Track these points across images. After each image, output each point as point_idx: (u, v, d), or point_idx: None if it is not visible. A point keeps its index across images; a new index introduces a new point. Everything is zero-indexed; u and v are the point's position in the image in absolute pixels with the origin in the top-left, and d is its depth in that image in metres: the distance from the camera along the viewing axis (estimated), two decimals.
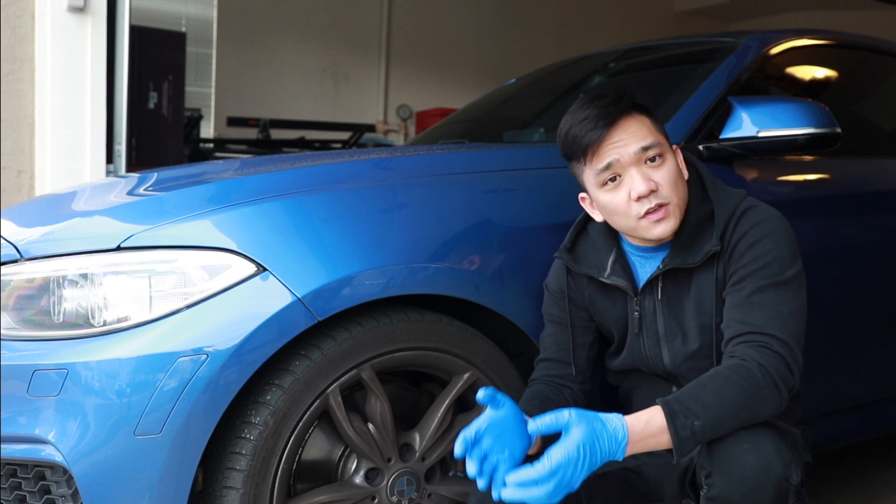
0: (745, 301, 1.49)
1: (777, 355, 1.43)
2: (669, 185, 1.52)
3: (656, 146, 1.52)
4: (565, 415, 1.32)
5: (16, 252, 1.64)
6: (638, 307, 1.62)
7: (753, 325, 1.46)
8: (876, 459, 2.97)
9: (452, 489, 1.76)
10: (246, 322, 1.51)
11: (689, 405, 1.36)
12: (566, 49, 5.13)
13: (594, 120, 1.51)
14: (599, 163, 1.52)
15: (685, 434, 1.34)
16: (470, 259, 1.72)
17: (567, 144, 1.56)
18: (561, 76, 3.06)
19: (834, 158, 2.38)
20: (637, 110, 1.55)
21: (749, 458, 1.36)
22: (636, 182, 1.50)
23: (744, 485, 1.35)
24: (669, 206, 1.52)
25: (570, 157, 1.58)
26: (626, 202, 1.52)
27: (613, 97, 1.53)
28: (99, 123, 3.47)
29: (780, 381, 1.41)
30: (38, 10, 3.49)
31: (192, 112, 5.79)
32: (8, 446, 1.53)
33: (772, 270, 1.49)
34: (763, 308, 1.47)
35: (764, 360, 1.41)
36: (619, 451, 1.32)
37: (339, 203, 1.67)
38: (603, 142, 1.51)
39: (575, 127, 1.53)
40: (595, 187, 1.56)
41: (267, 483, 1.56)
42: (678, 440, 1.34)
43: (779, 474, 1.35)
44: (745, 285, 1.50)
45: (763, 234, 1.51)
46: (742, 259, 1.51)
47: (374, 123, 7.56)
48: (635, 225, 1.53)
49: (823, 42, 2.64)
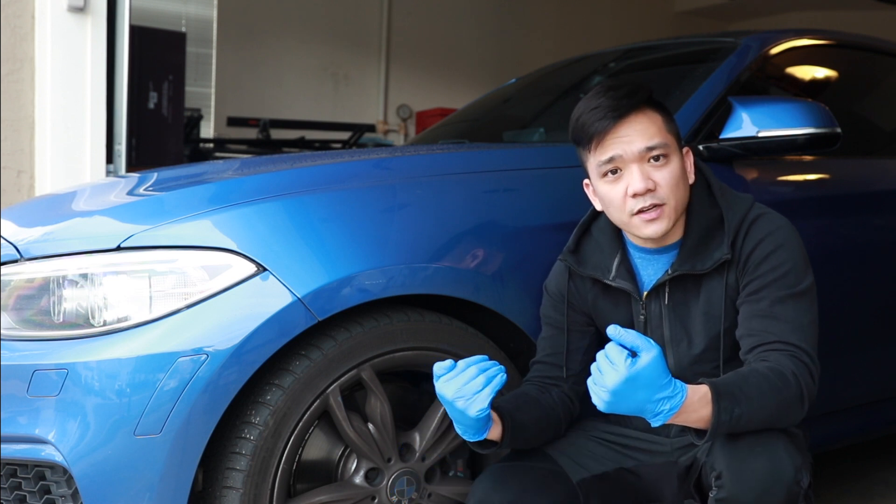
0: (765, 312, 1.49)
1: (805, 366, 1.44)
2: (668, 186, 1.52)
3: (661, 146, 1.52)
4: (645, 342, 1.28)
5: (16, 252, 1.64)
6: (644, 311, 1.61)
7: (779, 335, 1.47)
8: (876, 459, 2.97)
9: (452, 489, 1.76)
10: (246, 322, 1.51)
11: (734, 392, 1.35)
12: (566, 49, 5.12)
13: (605, 110, 1.51)
14: (603, 154, 1.53)
15: (725, 417, 1.33)
16: (470, 259, 1.72)
17: (576, 130, 1.56)
18: (561, 76, 3.06)
19: (834, 158, 2.38)
20: (651, 106, 1.54)
21: (761, 462, 1.36)
22: (634, 179, 1.50)
23: (755, 488, 1.35)
24: (665, 207, 1.52)
25: (577, 143, 1.59)
26: (623, 197, 1.52)
27: (628, 90, 1.53)
28: (99, 123, 3.46)
29: (807, 390, 1.42)
30: (38, 10, 3.49)
31: (192, 112, 5.79)
32: (8, 446, 1.53)
33: (789, 281, 1.50)
34: (785, 319, 1.48)
35: (797, 370, 1.42)
36: (674, 401, 1.29)
37: (339, 203, 1.66)
38: (609, 134, 1.51)
39: (586, 114, 1.54)
40: (596, 176, 1.56)
41: (267, 483, 1.56)
42: (717, 422, 1.33)
43: (790, 478, 1.35)
44: (764, 296, 1.50)
45: (778, 243, 1.52)
46: (759, 269, 1.51)
47: (374, 123, 7.56)
48: (628, 221, 1.54)
49: (823, 42, 2.64)
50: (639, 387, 1.26)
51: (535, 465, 1.60)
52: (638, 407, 1.28)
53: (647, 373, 1.26)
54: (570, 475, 1.60)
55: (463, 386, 1.41)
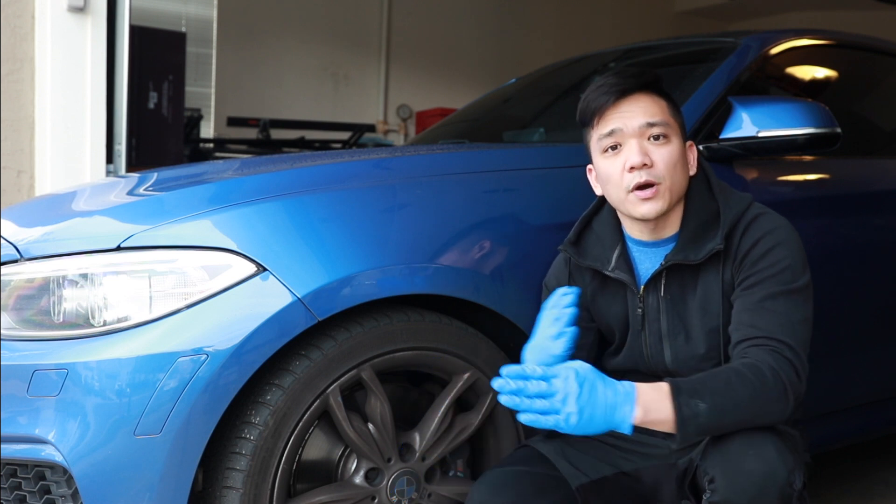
0: (756, 306, 1.49)
1: (788, 361, 1.43)
2: (666, 165, 1.52)
3: (662, 125, 1.53)
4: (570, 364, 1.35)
5: (16, 252, 1.64)
6: (641, 304, 1.62)
7: (765, 330, 1.46)
8: (876, 459, 2.97)
9: (452, 489, 1.76)
10: (246, 322, 1.51)
11: (696, 387, 1.36)
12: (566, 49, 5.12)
13: (609, 86, 1.54)
14: (604, 128, 1.54)
15: (688, 413, 1.34)
16: (470, 259, 1.72)
17: (582, 109, 1.59)
18: (561, 76, 3.06)
19: (834, 158, 2.38)
20: (657, 92, 1.57)
21: (753, 464, 1.36)
22: (632, 152, 1.52)
23: (748, 490, 1.35)
24: (660, 186, 1.52)
25: (582, 123, 1.61)
26: (620, 172, 1.54)
27: (636, 71, 1.56)
28: (99, 123, 3.47)
29: (790, 386, 1.41)
30: (38, 10, 3.49)
31: (192, 112, 5.79)
32: (8, 446, 1.53)
33: (785, 278, 1.50)
34: (775, 314, 1.47)
35: (776, 365, 1.42)
36: (626, 402, 1.33)
37: (339, 203, 1.67)
38: (611, 108, 1.54)
39: (591, 93, 1.56)
40: (597, 153, 1.58)
41: (267, 483, 1.56)
42: (680, 417, 1.34)
43: (782, 479, 1.35)
44: (757, 290, 1.50)
45: (777, 241, 1.52)
46: (756, 265, 1.51)
47: (374, 123, 7.56)
48: (624, 198, 1.55)
49: (823, 42, 2.64)
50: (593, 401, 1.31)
51: (533, 469, 1.60)
52: (590, 399, 1.31)
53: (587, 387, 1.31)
54: (568, 480, 1.59)
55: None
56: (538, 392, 1.32)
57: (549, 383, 1.32)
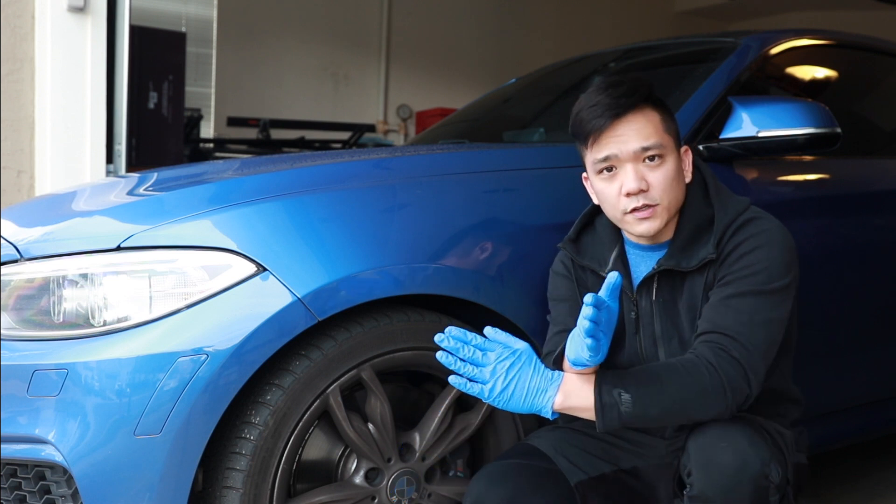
0: (720, 302, 1.50)
1: (733, 360, 1.43)
2: (662, 187, 1.52)
3: (657, 147, 1.52)
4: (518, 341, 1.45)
5: (16, 252, 1.64)
6: (635, 307, 1.62)
7: (720, 326, 1.47)
8: (876, 459, 2.97)
9: (452, 489, 1.76)
10: (246, 322, 1.51)
11: (623, 377, 1.41)
12: (566, 49, 5.12)
13: (602, 108, 1.52)
14: (599, 153, 1.54)
15: (608, 401, 1.39)
16: (470, 259, 1.72)
17: (574, 125, 1.58)
18: (561, 76, 3.06)
19: (834, 158, 2.38)
20: (650, 105, 1.55)
21: (725, 457, 1.37)
22: (628, 179, 1.52)
23: (721, 483, 1.36)
24: (657, 207, 1.53)
25: (575, 137, 1.60)
26: (617, 195, 1.54)
27: (628, 88, 1.53)
28: (99, 123, 3.47)
29: (729, 385, 1.41)
30: (38, 10, 3.49)
31: (192, 112, 5.79)
32: (8, 446, 1.53)
33: (759, 279, 1.49)
34: (736, 312, 1.47)
35: (716, 361, 1.42)
36: (550, 388, 1.43)
37: (339, 203, 1.67)
38: (605, 132, 1.52)
39: (584, 111, 1.55)
40: (593, 172, 1.58)
41: (267, 483, 1.56)
42: (600, 404, 1.39)
43: (755, 471, 1.36)
44: (727, 289, 1.50)
45: (758, 244, 1.52)
46: (733, 266, 1.52)
47: (374, 123, 7.56)
48: (621, 218, 1.56)
49: (823, 42, 2.64)
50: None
51: (532, 463, 1.60)
52: (514, 377, 1.42)
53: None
54: (567, 477, 1.60)
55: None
56: (471, 358, 1.42)
57: (484, 353, 1.43)
